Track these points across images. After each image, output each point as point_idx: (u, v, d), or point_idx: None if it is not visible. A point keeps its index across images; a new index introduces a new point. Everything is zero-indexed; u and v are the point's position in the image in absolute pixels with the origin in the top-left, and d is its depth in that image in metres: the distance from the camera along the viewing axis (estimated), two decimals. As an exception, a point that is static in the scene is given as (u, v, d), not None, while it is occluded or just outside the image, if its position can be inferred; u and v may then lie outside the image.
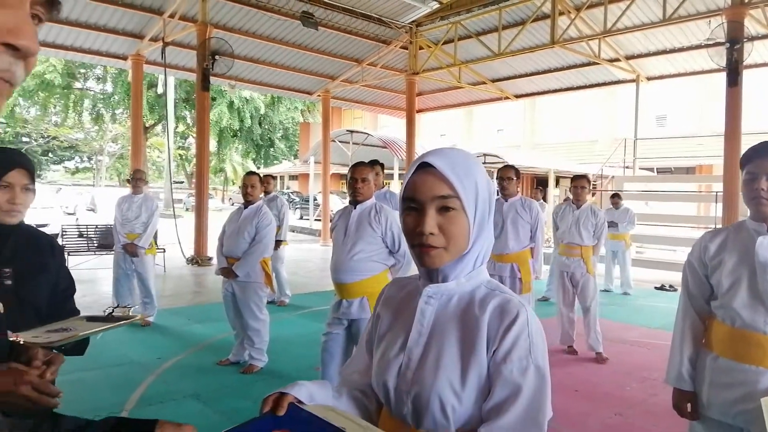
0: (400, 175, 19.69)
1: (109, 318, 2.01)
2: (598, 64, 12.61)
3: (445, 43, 13.32)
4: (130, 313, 2.07)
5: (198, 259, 11.05)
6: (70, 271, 2.14)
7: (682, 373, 2.09)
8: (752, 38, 9.26)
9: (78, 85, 31.67)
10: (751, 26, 9.41)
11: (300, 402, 0.97)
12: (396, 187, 17.07)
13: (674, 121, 23.23)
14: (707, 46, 9.30)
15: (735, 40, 8.80)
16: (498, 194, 4.91)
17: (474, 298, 1.04)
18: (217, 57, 10.69)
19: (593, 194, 14.12)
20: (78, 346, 1.99)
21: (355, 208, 3.57)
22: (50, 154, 39.88)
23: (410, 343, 1.05)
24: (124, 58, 12.68)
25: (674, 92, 20.81)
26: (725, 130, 9.29)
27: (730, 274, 1.94)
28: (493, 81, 15.26)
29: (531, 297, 4.69)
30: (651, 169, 21.32)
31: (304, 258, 12.70)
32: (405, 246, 3.42)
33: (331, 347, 3.61)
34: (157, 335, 5.76)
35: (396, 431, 1.01)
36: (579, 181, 5.50)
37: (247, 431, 0.91)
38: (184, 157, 37.10)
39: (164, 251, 9.86)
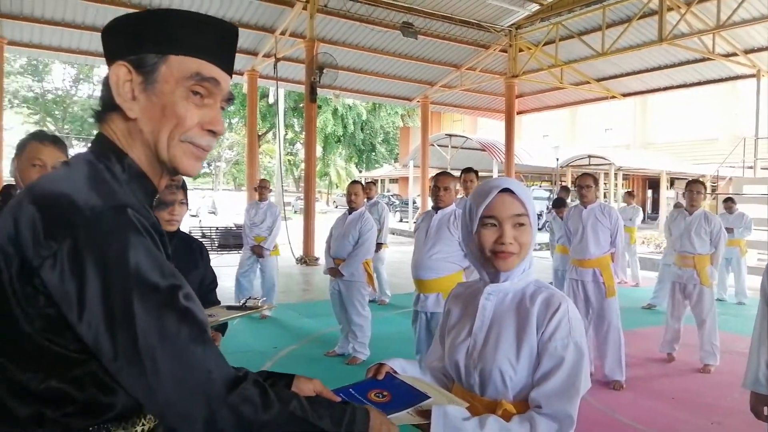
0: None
1: (243, 307, 2.46)
2: (713, 59, 11.89)
3: (546, 44, 13.17)
4: (260, 303, 2.52)
5: (306, 259, 11.79)
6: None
7: (758, 377, 2.17)
8: None
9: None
10: None
11: (395, 372, 1.29)
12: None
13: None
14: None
15: None
16: (577, 201, 5.07)
17: (525, 294, 1.33)
18: (323, 70, 11.41)
19: (714, 197, 13.25)
20: (220, 329, 2.48)
21: (436, 213, 3.98)
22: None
23: (475, 329, 1.34)
24: (241, 74, 13.83)
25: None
26: None
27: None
28: (598, 80, 14.81)
29: (616, 301, 4.69)
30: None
31: (402, 260, 13.08)
32: None
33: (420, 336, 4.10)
34: (273, 327, 6.38)
35: (466, 399, 1.31)
36: (692, 186, 5.34)
37: (353, 389, 1.24)
38: (292, 162, 39.15)
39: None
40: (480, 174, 6.16)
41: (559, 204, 8.03)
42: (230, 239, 11.31)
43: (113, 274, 0.80)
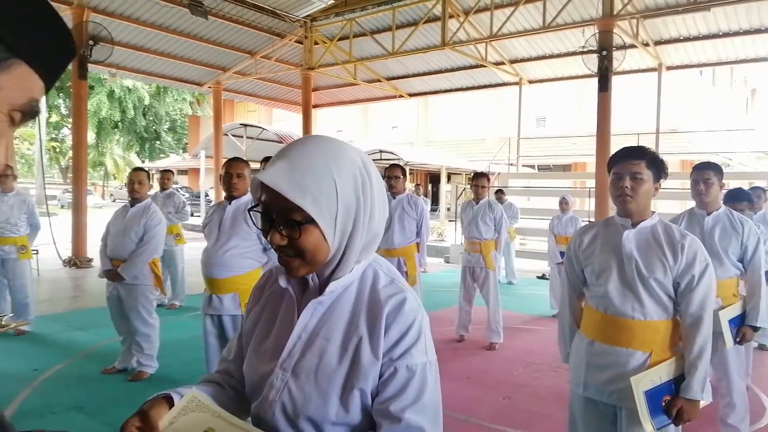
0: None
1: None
2: (485, 66, 13.27)
3: (341, 39, 13.34)
4: (3, 322, 1.91)
5: (76, 261, 10.23)
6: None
7: (569, 353, 2.33)
8: (620, 47, 10.20)
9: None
10: (622, 36, 10.33)
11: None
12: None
13: (553, 121, 25.04)
14: (582, 53, 10.13)
15: (605, 48, 9.66)
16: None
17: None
18: (95, 43, 9.94)
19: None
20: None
21: (230, 203, 3.55)
22: None
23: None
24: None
25: (553, 95, 22.40)
26: (597, 131, 10.18)
27: (600, 265, 2.16)
28: (388, 79, 15.53)
29: (419, 288, 4.85)
30: (533, 166, 22.83)
31: (195, 257, 12.18)
32: None
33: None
34: (33, 344, 5.26)
35: None
36: (477, 180, 5.73)
37: None
38: (58, 150, 34.09)
39: (37, 252, 9.02)
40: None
41: None
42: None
43: None
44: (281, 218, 0.94)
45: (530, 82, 14.24)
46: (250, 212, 1.01)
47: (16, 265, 5.56)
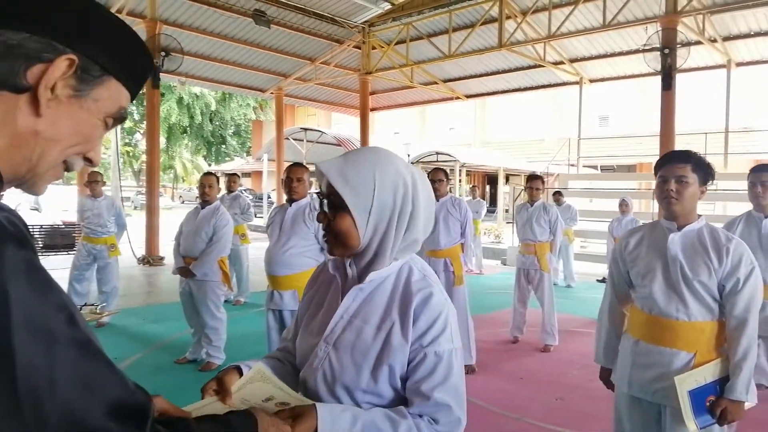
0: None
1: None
2: (544, 66, 13.11)
3: (398, 43, 13.54)
4: (98, 311, 2.18)
5: (150, 259, 10.88)
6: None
7: (606, 352, 2.38)
8: (685, 44, 9.87)
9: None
10: (686, 32, 10.00)
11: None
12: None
13: (616, 120, 24.28)
14: (644, 51, 9.86)
15: (669, 46, 9.38)
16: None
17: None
18: (166, 54, 10.56)
19: (544, 191, 14.66)
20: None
21: (290, 206, 3.79)
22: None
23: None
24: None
25: (617, 93, 21.74)
26: (660, 131, 9.88)
27: (645, 267, 2.21)
28: (445, 81, 15.60)
29: (464, 289, 4.92)
30: (595, 167, 22.23)
31: (259, 256, 12.66)
32: None
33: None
34: (113, 335, 5.72)
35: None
36: (531, 182, 5.78)
37: None
38: (131, 154, 36.05)
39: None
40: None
41: None
42: (58, 239, 10.03)
43: None
44: (327, 202, 1.15)
45: (591, 81, 13.95)
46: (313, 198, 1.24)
47: (106, 262, 6.14)
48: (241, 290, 7.47)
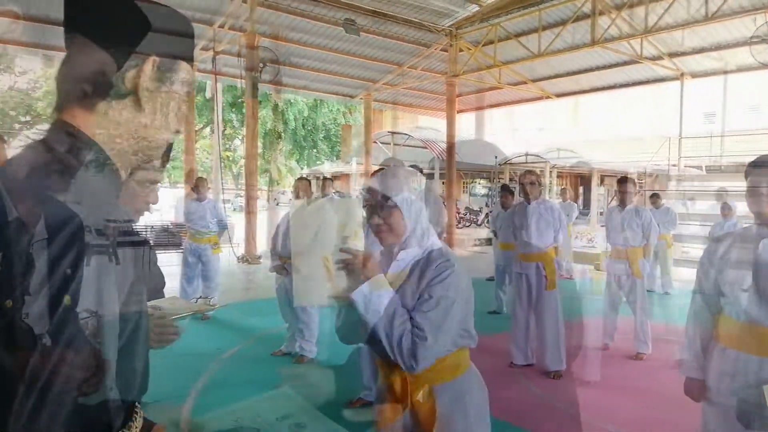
0: (441, 174, 19.87)
1: (191, 304, 2.40)
2: (640, 62, 12.53)
3: (485, 44, 13.47)
4: (210, 303, 2.46)
5: (248, 258, 11.55)
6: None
7: (693, 363, 2.33)
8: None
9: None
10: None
11: None
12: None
13: (725, 117, 22.60)
14: (752, 43, 9.20)
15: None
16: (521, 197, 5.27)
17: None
18: (264, 65, 11.20)
19: (641, 193, 13.95)
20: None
21: None
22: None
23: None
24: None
25: (726, 88, 20.25)
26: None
27: (736, 274, 2.16)
28: (534, 81, 15.30)
29: (557, 293, 4.86)
30: (699, 167, 20.81)
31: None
32: None
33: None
34: (216, 328, 6.21)
35: None
36: (622, 185, 5.60)
37: None
38: (230, 158, 38.24)
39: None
40: (425, 171, 6.23)
41: (505, 201, 8.18)
42: (166, 237, 10.94)
43: None
44: (380, 206, 1.69)
45: (693, 76, 13.15)
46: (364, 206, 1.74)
47: (210, 259, 6.68)
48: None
